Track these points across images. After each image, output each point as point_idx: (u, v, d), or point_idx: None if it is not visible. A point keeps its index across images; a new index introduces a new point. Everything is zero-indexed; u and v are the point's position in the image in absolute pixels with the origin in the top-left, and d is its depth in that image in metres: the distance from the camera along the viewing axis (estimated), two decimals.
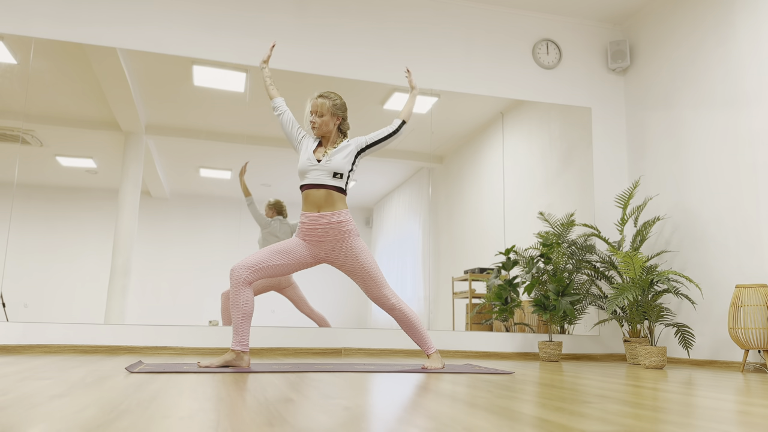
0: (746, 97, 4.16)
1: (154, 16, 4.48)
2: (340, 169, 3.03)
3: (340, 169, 3.03)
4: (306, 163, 3.07)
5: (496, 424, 1.39)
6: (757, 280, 3.96)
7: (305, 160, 3.07)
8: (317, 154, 3.09)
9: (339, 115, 3.13)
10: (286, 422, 1.34)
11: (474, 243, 4.91)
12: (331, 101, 3.11)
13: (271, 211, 4.43)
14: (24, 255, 4.03)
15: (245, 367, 2.89)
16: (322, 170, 3.03)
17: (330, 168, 3.02)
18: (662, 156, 4.89)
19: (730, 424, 1.47)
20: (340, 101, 3.15)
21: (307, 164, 3.06)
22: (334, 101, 3.12)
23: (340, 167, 3.03)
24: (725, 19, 4.38)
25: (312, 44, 4.77)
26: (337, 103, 3.12)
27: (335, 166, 3.03)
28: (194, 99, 4.47)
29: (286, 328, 4.30)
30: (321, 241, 3.03)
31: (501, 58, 5.20)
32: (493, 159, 5.07)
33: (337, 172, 3.03)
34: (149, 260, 4.25)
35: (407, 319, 3.10)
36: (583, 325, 4.93)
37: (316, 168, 3.03)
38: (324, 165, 3.03)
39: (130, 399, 1.67)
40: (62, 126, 4.19)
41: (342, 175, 3.04)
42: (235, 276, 2.88)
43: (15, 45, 4.18)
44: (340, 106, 3.14)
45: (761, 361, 3.89)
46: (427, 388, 2.17)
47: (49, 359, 3.25)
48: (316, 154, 3.09)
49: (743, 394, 2.25)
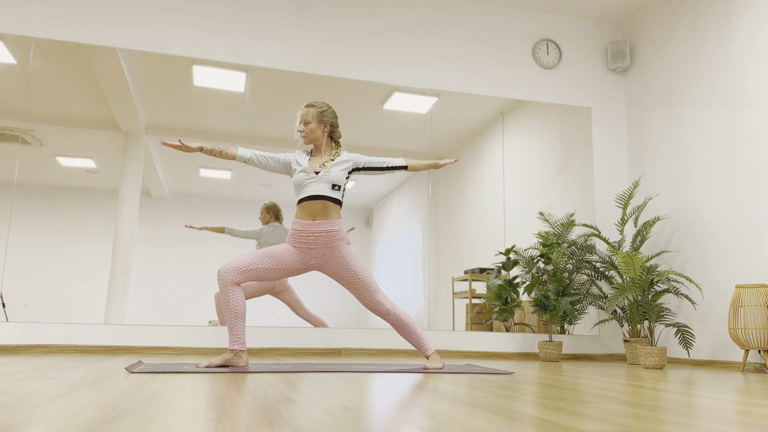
0: (746, 97, 4.16)
1: (154, 16, 4.48)
2: (338, 180, 3.04)
3: (338, 181, 3.04)
4: (303, 176, 3.04)
5: (496, 424, 1.39)
6: (757, 280, 3.96)
7: (302, 174, 3.05)
8: (313, 165, 3.09)
9: (326, 122, 3.11)
10: (286, 422, 1.34)
11: (474, 243, 4.91)
12: (317, 109, 3.09)
13: (267, 215, 4.39)
14: (24, 255, 4.03)
15: (244, 366, 2.89)
16: (321, 182, 3.02)
17: (329, 179, 3.02)
18: (662, 156, 4.89)
19: (730, 424, 1.47)
20: (328, 109, 3.13)
21: (305, 177, 3.04)
22: (320, 109, 3.10)
23: (339, 179, 3.04)
24: (725, 19, 4.38)
25: (312, 44, 4.77)
26: (323, 110, 3.11)
27: (334, 178, 3.03)
28: (194, 99, 4.47)
29: (286, 328, 4.30)
30: (311, 248, 3.03)
31: (501, 58, 5.20)
32: (493, 159, 5.07)
33: (336, 184, 3.03)
34: (149, 260, 4.25)
35: (403, 323, 3.09)
36: (583, 325, 4.93)
37: (315, 180, 3.03)
38: (323, 176, 3.03)
39: (130, 399, 1.67)
40: (62, 126, 4.19)
41: (340, 186, 3.05)
42: (221, 277, 2.89)
43: (15, 45, 4.17)
44: (327, 113, 3.12)
45: (761, 361, 3.89)
46: (427, 388, 2.17)
47: (49, 359, 3.25)
48: (312, 166, 3.08)
49: (743, 394, 2.25)
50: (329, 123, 3.13)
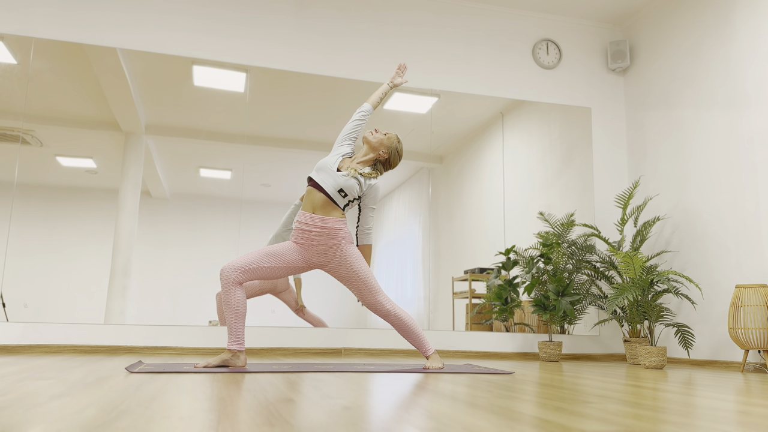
0: (746, 97, 4.16)
1: (154, 16, 4.48)
2: (348, 191, 3.02)
3: (348, 192, 3.02)
4: (329, 161, 3.07)
5: (496, 424, 1.39)
6: (757, 280, 3.96)
7: (331, 158, 3.09)
8: (344, 162, 3.10)
9: (383, 153, 3.14)
10: (286, 422, 1.34)
11: (474, 243, 4.91)
12: (393, 143, 3.16)
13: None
14: (24, 255, 4.03)
15: (242, 366, 2.89)
16: (333, 180, 3.02)
17: (340, 184, 3.01)
18: (662, 156, 4.89)
19: (730, 424, 1.47)
20: (397, 149, 3.17)
21: (329, 163, 3.06)
22: (394, 144, 3.17)
23: (349, 191, 3.02)
24: (725, 19, 4.38)
25: (312, 44, 4.77)
26: (394, 145, 3.16)
27: (345, 186, 3.01)
28: (194, 99, 4.47)
29: (286, 328, 4.30)
30: (313, 244, 3.02)
31: (501, 58, 5.20)
32: (493, 159, 5.07)
33: (344, 191, 3.02)
34: (149, 260, 4.25)
35: (403, 324, 3.09)
36: (583, 325, 4.93)
37: (331, 174, 3.03)
38: (338, 177, 3.02)
39: (130, 399, 1.67)
40: (62, 126, 4.19)
41: (346, 194, 3.03)
42: (224, 277, 2.89)
43: (15, 45, 4.18)
44: (392, 149, 3.16)
45: (761, 361, 3.89)
46: (427, 388, 2.17)
47: (49, 359, 3.25)
48: (343, 162, 3.09)
49: (743, 394, 2.25)
50: (388, 156, 3.16)
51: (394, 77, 3.39)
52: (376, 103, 3.32)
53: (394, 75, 3.39)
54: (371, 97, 3.32)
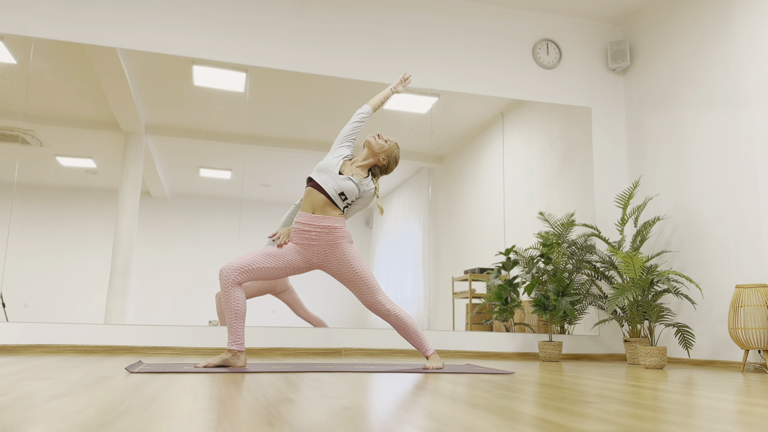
0: (746, 97, 4.16)
1: (154, 16, 4.48)
2: (348, 194, 3.03)
3: (348, 194, 3.03)
4: (331, 163, 3.07)
5: (496, 424, 1.39)
6: (757, 280, 3.96)
7: (332, 160, 3.09)
8: (345, 166, 3.10)
9: (383, 159, 3.16)
10: (286, 422, 1.34)
11: (474, 243, 4.91)
12: (393, 150, 3.19)
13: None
14: (24, 255, 4.03)
15: (242, 366, 2.89)
16: (335, 183, 3.02)
17: (342, 187, 3.02)
18: (662, 156, 4.89)
19: (730, 424, 1.47)
20: (395, 157, 3.21)
21: (331, 165, 3.06)
22: (392, 147, 3.19)
23: (349, 194, 3.03)
24: (725, 19, 4.38)
25: (312, 44, 4.77)
26: (392, 150, 3.19)
27: (346, 189, 3.02)
28: (194, 99, 4.47)
29: (286, 328, 4.30)
30: (313, 244, 3.02)
31: (501, 58, 5.20)
32: (493, 159, 5.07)
33: (344, 194, 3.03)
34: (149, 260, 4.25)
35: (403, 324, 3.10)
36: (583, 325, 4.93)
37: (333, 177, 3.04)
38: (340, 180, 3.03)
39: (130, 399, 1.67)
40: (62, 126, 4.19)
41: (346, 197, 3.04)
42: (223, 277, 2.89)
43: (15, 45, 4.17)
44: (392, 158, 3.19)
45: (761, 361, 3.89)
46: (427, 388, 2.17)
47: (49, 359, 3.25)
48: (344, 165, 3.10)
49: (743, 394, 2.25)
50: (387, 164, 3.19)
51: (396, 85, 3.39)
52: (377, 106, 3.32)
53: (397, 83, 3.40)
54: (372, 99, 3.33)
